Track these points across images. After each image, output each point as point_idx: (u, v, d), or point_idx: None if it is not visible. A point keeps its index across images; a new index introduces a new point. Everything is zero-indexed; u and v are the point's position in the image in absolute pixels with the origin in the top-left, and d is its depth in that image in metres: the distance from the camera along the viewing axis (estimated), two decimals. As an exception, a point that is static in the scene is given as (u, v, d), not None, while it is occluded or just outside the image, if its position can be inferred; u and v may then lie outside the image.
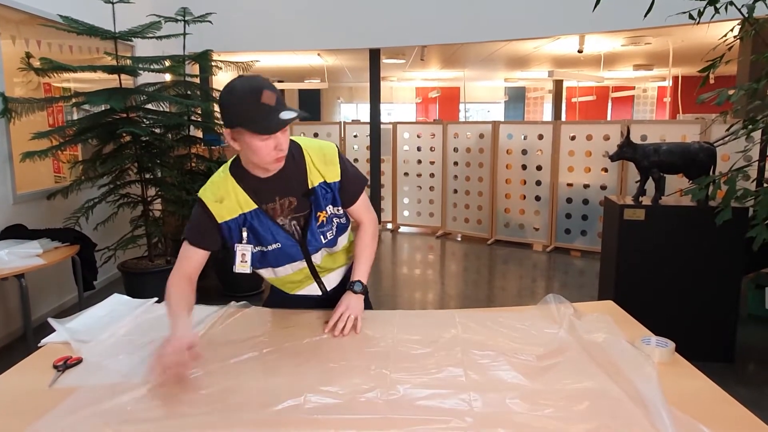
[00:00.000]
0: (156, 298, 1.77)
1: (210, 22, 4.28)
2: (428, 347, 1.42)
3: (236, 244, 1.53)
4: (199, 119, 4.54)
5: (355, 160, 7.15)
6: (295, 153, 1.51)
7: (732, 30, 2.88)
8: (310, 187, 1.52)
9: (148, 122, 3.86)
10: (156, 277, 3.79)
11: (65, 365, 1.31)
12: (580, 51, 7.54)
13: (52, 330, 1.51)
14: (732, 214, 2.62)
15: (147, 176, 3.84)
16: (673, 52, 7.93)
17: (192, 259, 1.54)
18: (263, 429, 1.06)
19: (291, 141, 1.48)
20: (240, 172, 1.49)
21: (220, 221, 1.49)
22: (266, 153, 1.37)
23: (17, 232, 3.32)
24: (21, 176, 3.62)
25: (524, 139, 6.08)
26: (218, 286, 4.52)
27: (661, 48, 7.89)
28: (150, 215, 3.89)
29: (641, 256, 3.13)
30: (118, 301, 1.76)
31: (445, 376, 1.26)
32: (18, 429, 1.05)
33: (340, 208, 1.59)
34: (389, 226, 7.20)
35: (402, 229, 7.14)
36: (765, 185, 3.21)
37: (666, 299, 3.12)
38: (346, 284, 1.66)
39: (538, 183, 6.03)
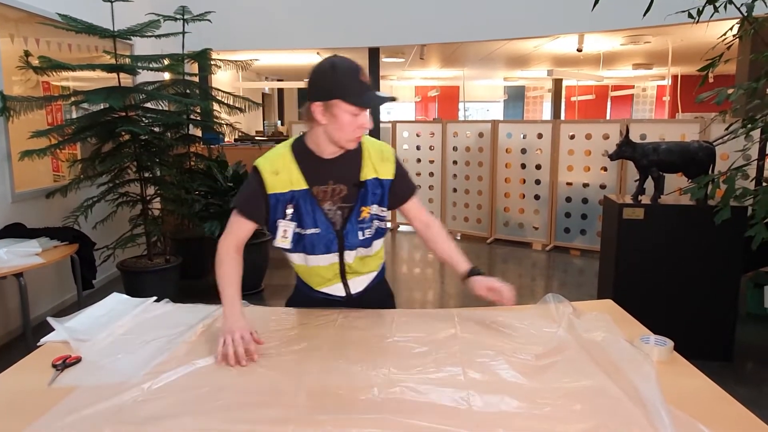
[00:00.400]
0: (155, 297, 1.77)
1: (209, 20, 4.28)
2: (427, 346, 1.42)
3: (279, 220, 1.55)
4: (198, 118, 4.54)
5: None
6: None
7: (731, 29, 2.88)
8: (362, 179, 1.56)
9: (147, 121, 3.85)
10: (155, 276, 3.78)
11: (64, 364, 1.31)
12: (579, 50, 7.53)
13: (51, 329, 1.51)
14: (731, 213, 2.62)
15: (146, 175, 3.84)
16: (673, 51, 7.93)
17: (241, 229, 1.56)
18: (262, 427, 1.06)
19: None
20: (302, 150, 1.54)
21: (269, 192, 1.52)
22: (351, 129, 1.44)
23: (16, 231, 3.32)
24: (20, 175, 3.62)
25: (523, 138, 6.08)
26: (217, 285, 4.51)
27: (660, 47, 7.89)
28: (149, 214, 3.88)
29: (640, 255, 3.13)
30: (117, 300, 1.76)
31: (444, 375, 1.26)
32: (17, 428, 1.04)
33: (384, 210, 1.62)
34: (388, 224, 7.20)
35: (401, 227, 7.14)
36: (764, 184, 3.22)
37: (665, 298, 3.12)
38: (370, 291, 1.68)
39: (538, 182, 6.03)
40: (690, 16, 2.73)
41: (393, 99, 1.47)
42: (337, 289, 1.69)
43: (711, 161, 3.02)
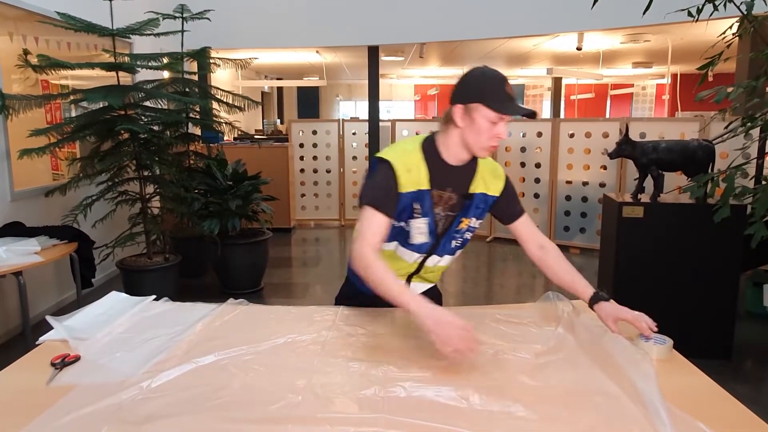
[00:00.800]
0: (154, 296, 1.77)
1: (208, 19, 4.28)
2: (427, 344, 1.42)
3: (410, 220, 1.54)
4: (198, 117, 4.53)
5: (354, 157, 7.15)
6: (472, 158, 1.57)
7: (731, 27, 2.88)
8: (470, 191, 1.58)
9: (146, 119, 3.85)
10: (154, 274, 3.78)
11: (63, 363, 1.31)
12: (579, 48, 7.53)
13: (51, 328, 1.51)
14: (730, 212, 2.63)
15: (145, 173, 3.84)
16: (672, 49, 7.92)
17: (379, 226, 1.46)
18: (261, 426, 1.06)
19: None
20: (431, 151, 1.53)
21: (401, 191, 1.49)
22: (486, 137, 1.44)
23: (15, 230, 3.31)
24: (19, 173, 3.61)
25: (523, 136, 6.08)
26: (217, 283, 4.52)
27: (660, 45, 7.88)
28: (148, 212, 3.88)
29: (640, 253, 3.14)
30: (116, 298, 1.76)
31: (444, 373, 1.26)
32: (16, 426, 1.04)
33: (480, 224, 1.64)
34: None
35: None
36: (763, 183, 3.22)
37: (664, 296, 3.12)
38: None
39: (537, 180, 6.03)
40: (689, 14, 2.73)
41: (533, 113, 1.49)
42: None
43: (710, 160, 3.02)
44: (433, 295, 1.78)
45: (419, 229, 1.55)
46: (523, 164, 6.08)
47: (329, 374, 1.26)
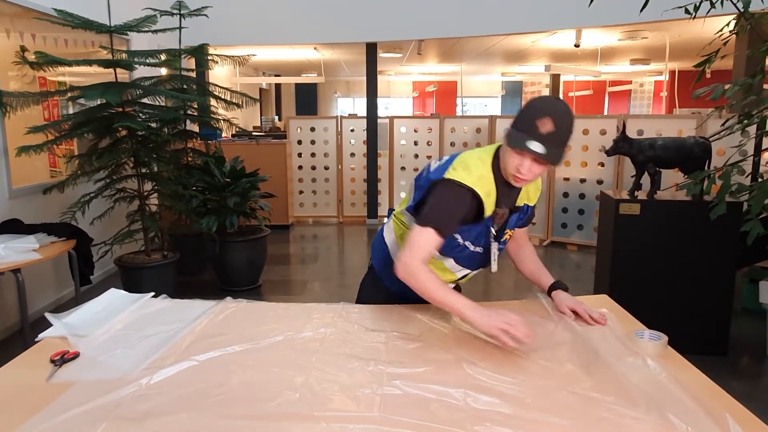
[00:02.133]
0: (153, 293, 1.77)
1: (206, 15, 4.27)
2: (423, 342, 1.43)
3: (492, 243, 1.56)
4: (196, 114, 4.53)
5: (352, 154, 7.14)
6: None
7: (728, 25, 2.89)
8: (518, 204, 1.59)
9: (144, 117, 3.84)
10: (153, 271, 3.78)
11: (62, 360, 1.32)
12: (577, 45, 7.53)
13: (49, 325, 1.51)
14: (726, 209, 2.64)
15: (143, 171, 3.84)
16: (670, 46, 7.93)
17: (434, 248, 1.47)
18: (259, 423, 1.06)
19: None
20: (498, 172, 1.50)
21: (487, 215, 1.50)
22: (511, 167, 1.42)
23: (13, 227, 3.31)
24: (16, 171, 3.61)
25: (521, 133, 6.07)
26: (215, 280, 4.52)
27: (657, 42, 7.88)
28: (146, 210, 3.88)
29: (637, 250, 3.15)
30: (115, 295, 1.77)
31: (440, 372, 1.27)
32: (16, 423, 1.05)
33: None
34: (386, 220, 7.20)
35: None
36: (759, 180, 3.23)
37: (661, 293, 3.13)
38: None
39: (535, 177, 6.03)
40: (687, 11, 2.73)
41: (542, 155, 1.35)
42: None
43: (707, 157, 3.02)
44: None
45: (495, 255, 1.58)
46: (521, 161, 6.09)
47: (327, 372, 1.27)
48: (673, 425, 1.03)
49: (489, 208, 1.49)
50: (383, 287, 1.76)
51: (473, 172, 1.46)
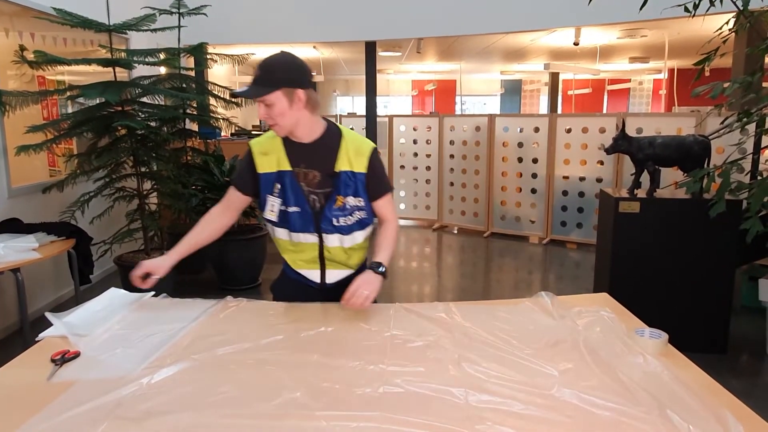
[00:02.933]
0: (153, 292, 1.77)
1: (205, 14, 4.26)
2: (424, 340, 1.43)
3: (268, 195, 1.70)
4: (195, 112, 4.53)
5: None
6: (332, 136, 1.69)
7: (727, 23, 2.89)
8: (335, 170, 1.67)
9: (143, 116, 3.84)
10: (152, 270, 3.78)
11: (63, 359, 1.32)
12: (576, 43, 7.53)
13: (49, 324, 1.51)
14: (726, 207, 2.64)
15: (143, 170, 3.83)
16: (669, 44, 7.93)
17: (230, 198, 1.78)
18: (260, 423, 1.06)
19: (334, 126, 1.71)
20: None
21: (259, 171, 1.70)
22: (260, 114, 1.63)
23: (12, 227, 3.31)
24: (16, 170, 3.61)
25: (520, 131, 6.08)
26: (215, 279, 4.52)
27: (656, 40, 7.89)
28: (146, 209, 3.88)
29: (636, 248, 3.15)
30: (115, 294, 1.77)
31: (440, 370, 1.27)
32: (17, 422, 1.05)
33: (362, 201, 1.69)
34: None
35: (400, 221, 7.16)
36: (759, 178, 3.23)
37: (660, 291, 3.14)
38: (344, 285, 1.66)
39: (534, 176, 6.04)
40: (686, 9, 2.73)
41: (241, 93, 1.61)
42: (313, 275, 1.77)
43: (706, 155, 3.02)
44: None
45: (271, 206, 1.70)
46: (520, 159, 6.09)
47: (327, 370, 1.27)
48: (674, 423, 1.03)
49: (265, 165, 1.68)
50: (287, 278, 1.85)
51: (260, 137, 1.75)
